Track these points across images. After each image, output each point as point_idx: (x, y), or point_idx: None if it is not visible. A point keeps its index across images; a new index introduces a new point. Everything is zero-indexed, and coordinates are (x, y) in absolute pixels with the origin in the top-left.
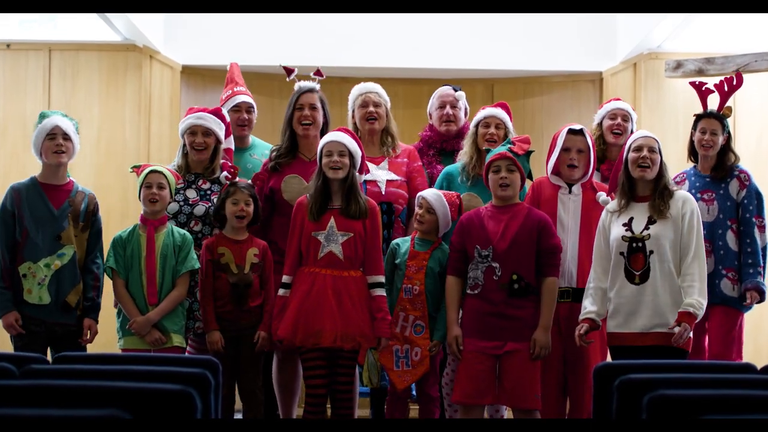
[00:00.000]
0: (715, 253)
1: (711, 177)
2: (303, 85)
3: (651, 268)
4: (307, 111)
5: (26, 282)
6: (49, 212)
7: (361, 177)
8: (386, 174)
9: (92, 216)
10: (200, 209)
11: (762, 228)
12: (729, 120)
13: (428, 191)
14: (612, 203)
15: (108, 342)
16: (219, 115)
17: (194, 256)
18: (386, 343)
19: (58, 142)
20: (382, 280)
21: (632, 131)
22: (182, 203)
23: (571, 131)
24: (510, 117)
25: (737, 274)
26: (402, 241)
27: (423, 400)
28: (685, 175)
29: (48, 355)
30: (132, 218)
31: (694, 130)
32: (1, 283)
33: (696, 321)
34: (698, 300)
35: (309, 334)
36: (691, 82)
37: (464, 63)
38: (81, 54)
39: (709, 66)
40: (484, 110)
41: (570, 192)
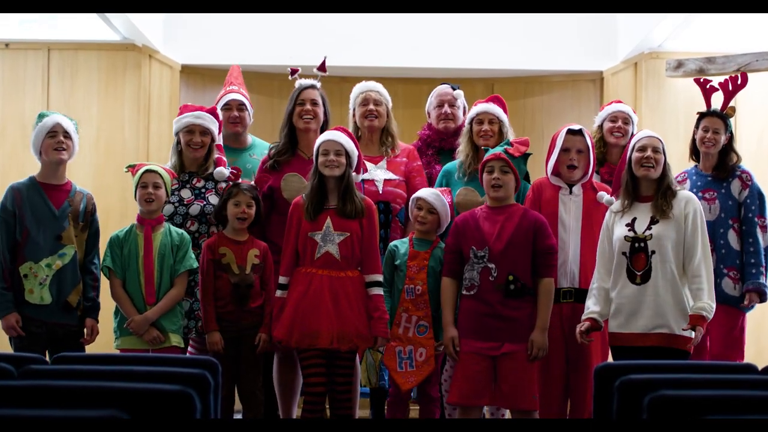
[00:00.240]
0: (717, 253)
1: (712, 176)
2: (304, 82)
3: (652, 269)
4: (309, 106)
5: (27, 282)
6: (50, 212)
7: (358, 176)
8: (384, 173)
9: (90, 216)
10: (195, 208)
11: (764, 228)
12: (731, 119)
13: (425, 191)
14: (616, 203)
15: (108, 342)
16: (215, 114)
17: (192, 256)
18: (383, 343)
19: (59, 140)
20: (380, 279)
21: (633, 134)
22: (177, 204)
23: (570, 131)
24: (505, 109)
25: (739, 274)
26: (400, 243)
27: (423, 401)
28: (687, 175)
29: (47, 357)
30: (131, 218)
31: (697, 129)
32: (2, 284)
33: (707, 322)
34: (708, 303)
35: (305, 335)
36: (696, 79)
37: (464, 62)
38: (80, 53)
39: (710, 65)
40: (477, 106)
41: (571, 193)
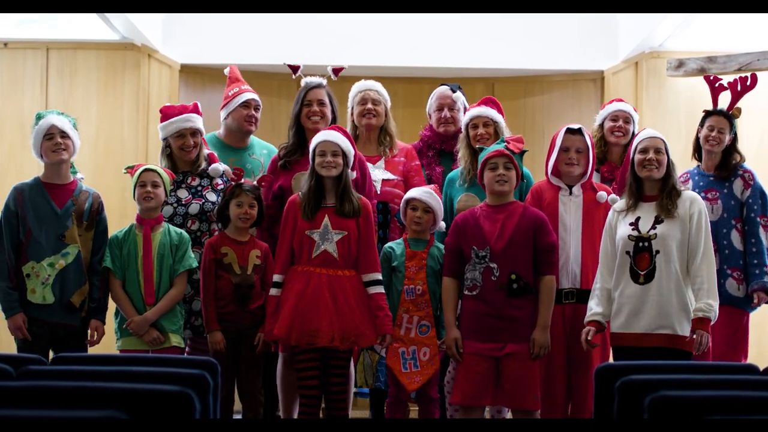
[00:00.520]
0: (720, 253)
1: (715, 176)
2: (310, 81)
3: (656, 268)
4: (316, 107)
5: (30, 282)
6: (53, 211)
7: (353, 174)
8: (382, 173)
9: (97, 215)
10: (195, 207)
11: (767, 227)
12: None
13: (416, 191)
14: (619, 203)
15: (108, 342)
16: (197, 111)
17: (192, 255)
18: (391, 340)
19: (56, 141)
20: (380, 277)
21: (634, 133)
22: (176, 205)
23: (570, 131)
24: (499, 110)
25: (742, 274)
26: (395, 245)
27: (423, 401)
28: (689, 175)
29: (50, 357)
30: (131, 218)
31: (701, 127)
32: (8, 284)
33: (711, 323)
34: (708, 303)
35: (304, 333)
36: (705, 77)
37: (465, 62)
38: (79, 53)
39: (712, 65)
40: (470, 111)
41: (570, 193)
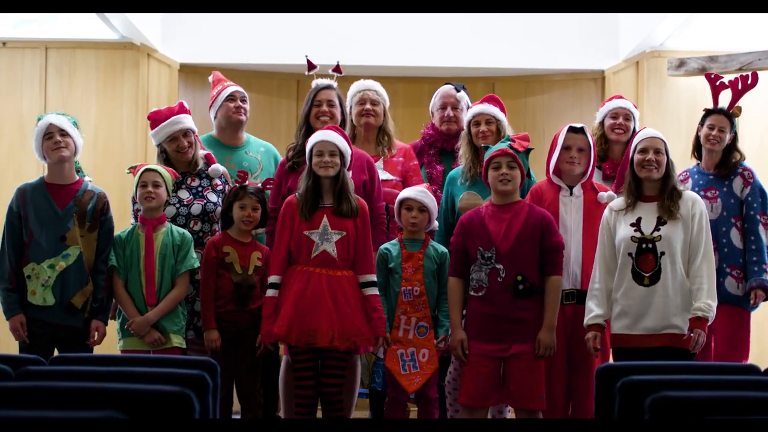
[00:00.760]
0: (720, 251)
1: (714, 174)
2: (320, 82)
3: (662, 270)
4: (325, 107)
5: (30, 283)
6: (53, 212)
7: (349, 173)
8: (381, 174)
9: (101, 215)
10: (197, 208)
11: (766, 225)
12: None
13: (410, 191)
14: (617, 202)
15: (111, 343)
16: (184, 109)
17: (194, 255)
18: (383, 343)
19: (56, 140)
20: (375, 279)
21: (634, 129)
22: (178, 205)
23: (572, 129)
24: (502, 108)
25: (742, 272)
26: (391, 245)
27: (422, 402)
28: (688, 174)
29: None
30: (130, 218)
31: (701, 126)
32: (8, 285)
33: (708, 323)
34: (706, 303)
35: (304, 333)
36: (706, 75)
37: (465, 61)
38: (78, 52)
39: (713, 64)
40: (473, 108)
41: (571, 194)
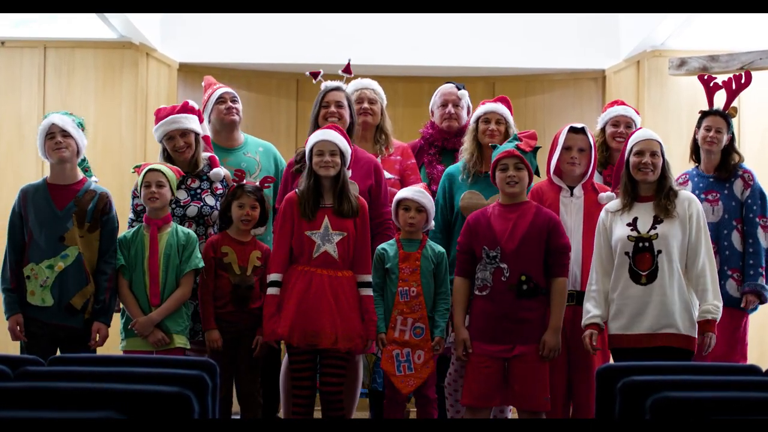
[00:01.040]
0: (721, 254)
1: (715, 177)
2: (329, 84)
3: (659, 268)
4: (334, 108)
5: (29, 284)
6: (52, 213)
7: (349, 172)
8: None
9: (102, 215)
10: (192, 210)
11: (766, 228)
12: (733, 119)
13: (407, 191)
14: (613, 203)
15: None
16: (187, 109)
17: (199, 255)
18: (370, 345)
19: (57, 140)
20: (370, 280)
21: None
22: (174, 206)
23: (573, 129)
24: (510, 111)
25: (742, 275)
26: (388, 246)
27: (421, 402)
28: (688, 176)
29: None
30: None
31: (698, 128)
32: (8, 286)
33: (716, 323)
34: (714, 304)
35: (307, 334)
36: (700, 76)
37: (465, 61)
38: (76, 51)
39: (714, 64)
40: (484, 105)
41: (572, 195)
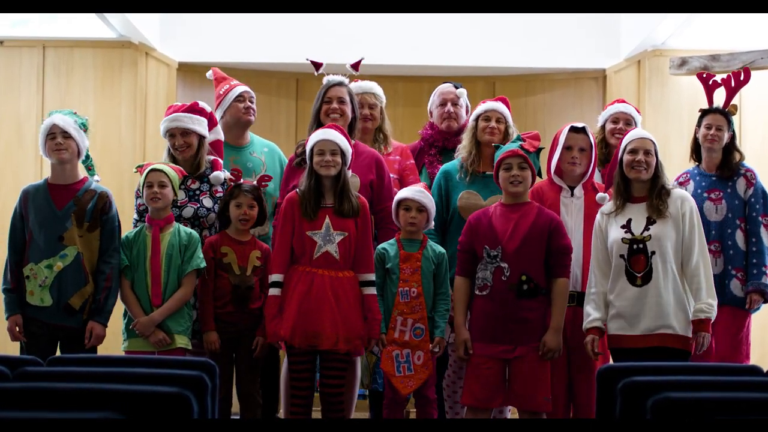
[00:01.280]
0: (725, 253)
1: (717, 176)
2: (332, 79)
3: (653, 269)
4: (335, 104)
5: (29, 284)
6: (52, 212)
7: (349, 172)
8: None
9: (102, 215)
10: (188, 211)
11: None
12: (734, 117)
13: (408, 191)
14: (607, 205)
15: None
16: (196, 110)
17: (201, 255)
18: (375, 344)
19: (57, 141)
20: (373, 278)
21: None
22: (171, 206)
23: (573, 129)
24: (510, 112)
25: (745, 275)
26: (389, 245)
27: (420, 402)
28: (689, 176)
29: None
30: (127, 217)
31: (699, 127)
32: (8, 286)
33: (711, 322)
34: (708, 303)
35: (308, 335)
36: (699, 74)
37: (465, 60)
38: (75, 51)
39: (715, 63)
40: (485, 104)
41: (572, 195)
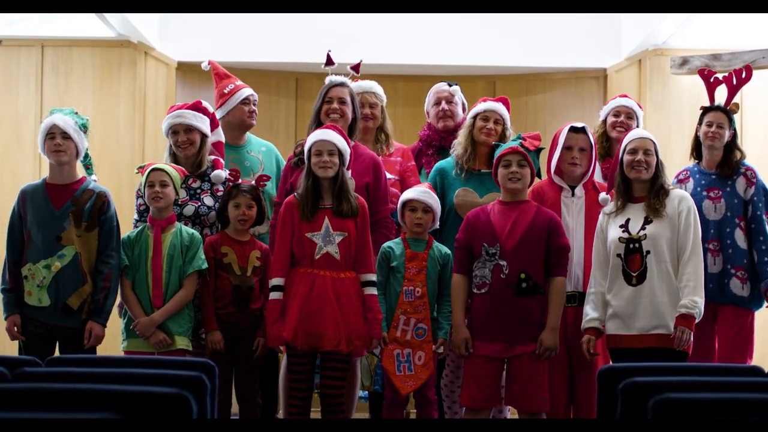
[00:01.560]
0: (724, 252)
1: (717, 174)
2: (333, 79)
3: (648, 269)
4: (336, 104)
5: (27, 284)
6: (50, 212)
7: (349, 172)
8: None
9: (100, 215)
10: (189, 209)
11: None
12: (735, 116)
13: (413, 192)
14: (609, 205)
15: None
16: (199, 109)
17: (202, 256)
18: (377, 345)
19: (57, 142)
20: (374, 278)
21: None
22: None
23: (573, 129)
24: (509, 113)
25: (747, 273)
26: (394, 244)
27: (420, 403)
28: (689, 173)
29: None
30: (126, 217)
31: (700, 125)
32: (6, 286)
33: (695, 321)
34: (692, 300)
35: (310, 336)
36: (700, 71)
37: (466, 59)
38: (74, 50)
39: (716, 62)
40: (485, 103)
41: (573, 195)
